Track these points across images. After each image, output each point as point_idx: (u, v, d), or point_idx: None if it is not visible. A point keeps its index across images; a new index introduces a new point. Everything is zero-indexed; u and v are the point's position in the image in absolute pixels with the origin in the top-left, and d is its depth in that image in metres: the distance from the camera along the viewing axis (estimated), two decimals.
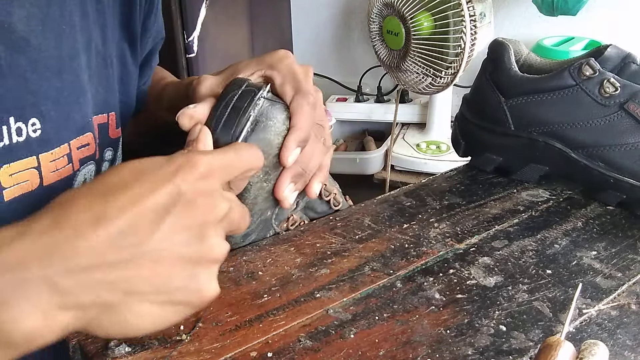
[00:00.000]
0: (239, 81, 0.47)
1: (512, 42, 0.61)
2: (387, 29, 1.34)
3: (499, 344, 0.39)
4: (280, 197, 0.49)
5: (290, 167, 0.48)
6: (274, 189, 0.49)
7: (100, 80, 0.55)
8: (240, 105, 0.45)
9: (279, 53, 0.51)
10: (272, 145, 0.47)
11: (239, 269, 0.48)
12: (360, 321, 0.42)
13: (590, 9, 1.37)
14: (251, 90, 0.46)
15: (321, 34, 1.84)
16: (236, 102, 0.45)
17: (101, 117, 0.56)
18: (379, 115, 1.68)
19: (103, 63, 0.56)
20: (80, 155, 0.52)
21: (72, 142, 0.51)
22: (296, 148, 0.47)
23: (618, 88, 0.54)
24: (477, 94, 0.63)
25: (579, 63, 0.55)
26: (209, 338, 0.40)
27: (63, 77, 0.50)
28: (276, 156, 0.47)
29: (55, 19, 0.49)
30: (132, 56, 0.62)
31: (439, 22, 1.25)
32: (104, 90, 0.56)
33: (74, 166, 0.52)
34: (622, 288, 0.45)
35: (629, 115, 0.54)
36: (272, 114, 0.47)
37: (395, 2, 1.27)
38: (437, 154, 1.54)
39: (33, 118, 0.47)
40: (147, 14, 0.63)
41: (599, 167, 0.56)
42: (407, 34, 1.29)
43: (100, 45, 0.55)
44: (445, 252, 0.50)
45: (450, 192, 0.60)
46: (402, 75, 1.38)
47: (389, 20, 1.32)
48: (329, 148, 0.53)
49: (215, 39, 1.36)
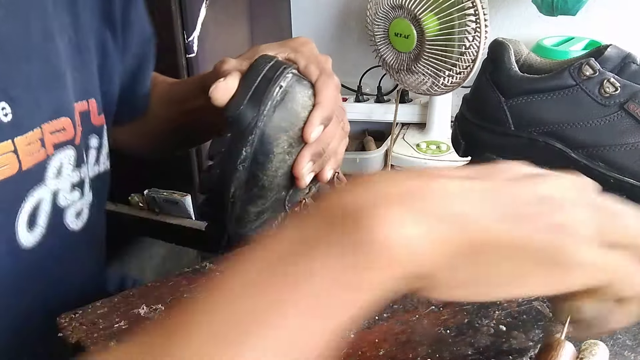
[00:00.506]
0: (268, 56, 0.48)
1: (512, 42, 0.61)
2: (394, 31, 1.34)
3: (499, 344, 0.39)
4: (297, 174, 0.49)
5: (311, 145, 0.49)
6: (292, 165, 0.49)
7: (75, 67, 0.55)
8: (271, 75, 0.46)
9: (301, 38, 0.53)
10: (298, 117, 0.47)
11: None
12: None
13: (590, 9, 1.37)
14: (281, 63, 0.48)
15: (321, 34, 1.84)
16: (267, 73, 0.46)
17: (82, 104, 0.56)
18: (379, 115, 1.68)
19: (77, 50, 0.56)
20: (55, 140, 0.52)
21: (44, 126, 0.51)
22: (320, 125, 0.48)
23: (618, 88, 0.54)
24: (477, 94, 0.63)
25: (579, 63, 0.55)
26: None
27: (32, 62, 0.50)
28: (301, 129, 0.48)
29: (19, 5, 0.49)
30: (113, 44, 0.62)
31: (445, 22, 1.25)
32: (80, 77, 0.56)
33: (48, 151, 0.51)
34: None
35: (629, 115, 0.54)
36: (300, 88, 0.48)
37: (406, 3, 1.27)
38: (437, 154, 1.54)
39: (2, 102, 0.47)
40: (126, 4, 0.63)
41: (599, 167, 0.56)
42: (419, 35, 1.29)
43: (72, 33, 0.55)
44: None
45: None
46: (411, 78, 1.38)
47: (397, 22, 1.32)
48: (346, 134, 0.54)
49: (215, 39, 1.36)
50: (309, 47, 0.52)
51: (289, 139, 0.48)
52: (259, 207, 0.50)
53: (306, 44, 0.52)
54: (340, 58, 1.86)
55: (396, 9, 1.31)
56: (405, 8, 1.28)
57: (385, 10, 1.33)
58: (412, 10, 1.27)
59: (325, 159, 0.51)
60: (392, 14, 1.32)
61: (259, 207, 0.50)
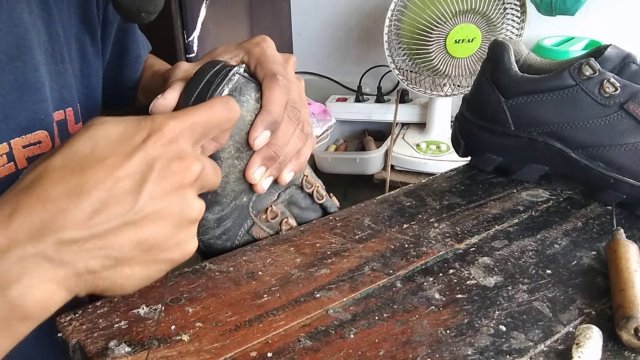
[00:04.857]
0: (214, 62, 0.46)
1: (512, 42, 0.61)
2: (455, 38, 1.36)
3: (499, 344, 0.39)
4: (249, 179, 0.48)
5: (261, 150, 0.48)
6: (244, 170, 0.48)
7: (52, 77, 0.55)
8: (213, 80, 0.45)
9: (256, 39, 0.51)
10: (244, 122, 0.46)
11: (239, 269, 0.48)
12: (360, 321, 0.42)
13: (589, 9, 1.38)
14: (226, 66, 0.46)
15: (321, 34, 1.84)
16: (210, 78, 0.45)
17: (59, 114, 0.56)
18: (379, 115, 1.68)
19: (52, 60, 0.55)
20: (29, 154, 0.52)
21: (13, 141, 0.50)
22: (265, 130, 0.47)
23: (618, 88, 0.54)
24: (477, 94, 0.63)
25: (579, 63, 0.55)
26: (209, 338, 0.40)
27: (4, 74, 0.49)
28: (247, 134, 0.46)
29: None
30: (92, 48, 0.61)
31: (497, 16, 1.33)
32: (57, 87, 0.55)
33: (18, 165, 0.51)
34: None
35: (629, 115, 0.54)
36: (245, 90, 0.46)
37: (478, 6, 1.31)
38: (437, 154, 1.54)
39: None
40: (107, 3, 0.62)
41: (599, 167, 0.56)
42: (485, 34, 1.34)
43: (47, 42, 0.55)
44: (445, 252, 0.50)
45: (450, 192, 0.60)
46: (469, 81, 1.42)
47: (459, 29, 1.35)
48: (308, 136, 0.51)
49: (215, 39, 1.36)
50: (262, 46, 0.50)
51: (236, 144, 0.47)
52: (216, 213, 0.49)
53: (259, 44, 0.50)
54: (340, 58, 1.86)
55: (458, 16, 1.33)
56: (472, 11, 1.31)
57: (444, 19, 1.34)
58: (481, 11, 1.30)
59: (282, 163, 0.50)
60: (451, 23, 1.35)
61: (216, 214, 0.49)
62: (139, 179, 0.34)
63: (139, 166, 0.34)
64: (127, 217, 0.34)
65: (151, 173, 0.34)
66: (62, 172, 0.33)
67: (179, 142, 0.36)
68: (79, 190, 0.33)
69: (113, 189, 0.33)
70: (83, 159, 0.34)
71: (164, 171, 0.35)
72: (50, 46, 0.55)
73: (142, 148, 0.34)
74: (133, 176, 0.34)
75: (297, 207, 0.56)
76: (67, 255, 0.33)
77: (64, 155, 0.34)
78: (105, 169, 0.33)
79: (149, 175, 0.34)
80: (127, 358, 0.38)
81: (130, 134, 0.35)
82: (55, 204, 0.32)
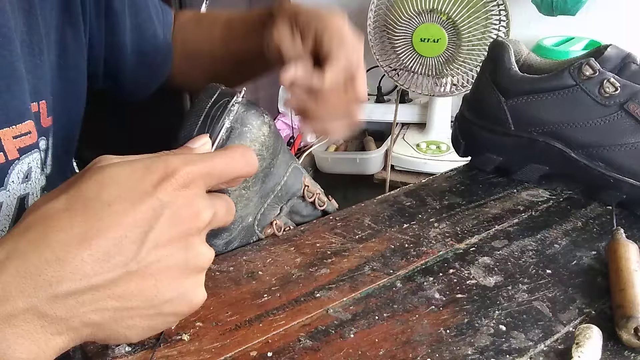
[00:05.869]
0: (212, 88, 0.45)
1: (512, 42, 0.61)
2: (421, 37, 1.35)
3: (498, 344, 0.39)
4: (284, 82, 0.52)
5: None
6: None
7: (27, 68, 0.54)
8: (214, 113, 0.44)
9: (337, 18, 0.57)
10: None
11: (239, 268, 0.48)
12: (360, 321, 0.42)
13: (590, 9, 1.37)
14: (225, 96, 0.45)
15: None
16: (208, 111, 0.44)
17: (34, 106, 0.55)
18: (379, 115, 1.68)
19: (29, 51, 0.54)
20: (20, 145, 0.51)
21: (2, 131, 0.50)
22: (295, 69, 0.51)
23: (618, 88, 0.54)
24: (477, 94, 0.63)
25: (579, 63, 0.55)
26: (209, 338, 0.40)
27: None
28: None
29: None
30: (74, 42, 0.60)
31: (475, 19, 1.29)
32: (33, 78, 0.54)
33: (9, 155, 0.51)
34: None
35: (629, 115, 0.54)
36: (247, 120, 0.45)
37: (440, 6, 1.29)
38: (437, 154, 1.54)
39: None
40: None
41: (599, 167, 0.56)
42: (452, 37, 1.32)
43: (25, 34, 0.53)
44: (445, 252, 0.50)
45: (450, 192, 0.60)
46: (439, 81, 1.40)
47: (424, 28, 1.34)
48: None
49: None
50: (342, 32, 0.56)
51: None
52: (224, 239, 0.50)
53: (341, 28, 0.56)
54: None
55: (422, 14, 1.32)
56: (437, 11, 1.29)
57: (408, 17, 1.34)
58: (445, 12, 1.28)
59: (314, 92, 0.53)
60: (416, 21, 1.34)
61: (225, 239, 0.50)
62: (146, 227, 0.32)
63: (147, 213, 0.32)
64: (129, 266, 0.31)
65: (158, 220, 0.32)
66: (65, 216, 0.31)
67: (191, 188, 0.34)
68: (80, 238, 0.30)
69: (118, 238, 0.31)
70: (88, 202, 0.31)
71: (173, 218, 0.32)
72: (27, 37, 0.54)
73: (152, 194, 0.32)
74: (140, 224, 0.32)
75: (298, 215, 0.56)
76: (61, 310, 0.30)
77: (68, 197, 0.32)
78: (110, 216, 0.31)
79: (155, 223, 0.32)
80: (127, 358, 0.38)
81: (140, 177, 0.33)
82: (54, 253, 0.30)
